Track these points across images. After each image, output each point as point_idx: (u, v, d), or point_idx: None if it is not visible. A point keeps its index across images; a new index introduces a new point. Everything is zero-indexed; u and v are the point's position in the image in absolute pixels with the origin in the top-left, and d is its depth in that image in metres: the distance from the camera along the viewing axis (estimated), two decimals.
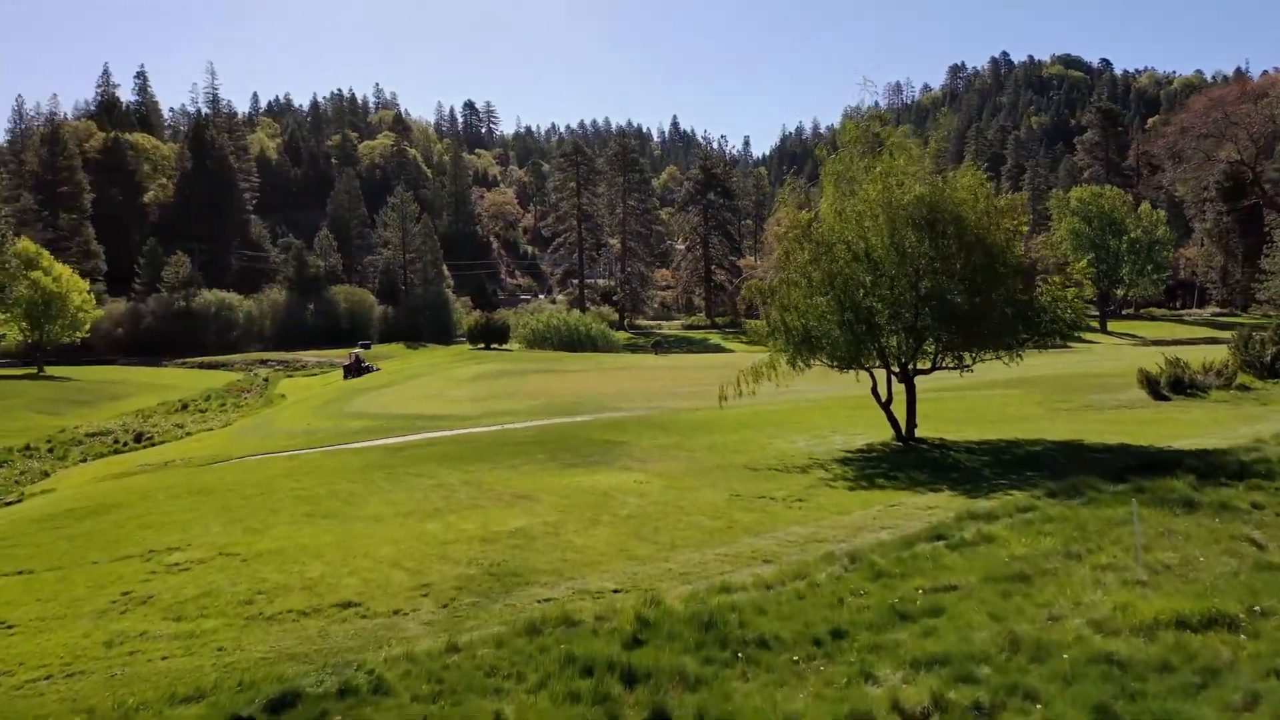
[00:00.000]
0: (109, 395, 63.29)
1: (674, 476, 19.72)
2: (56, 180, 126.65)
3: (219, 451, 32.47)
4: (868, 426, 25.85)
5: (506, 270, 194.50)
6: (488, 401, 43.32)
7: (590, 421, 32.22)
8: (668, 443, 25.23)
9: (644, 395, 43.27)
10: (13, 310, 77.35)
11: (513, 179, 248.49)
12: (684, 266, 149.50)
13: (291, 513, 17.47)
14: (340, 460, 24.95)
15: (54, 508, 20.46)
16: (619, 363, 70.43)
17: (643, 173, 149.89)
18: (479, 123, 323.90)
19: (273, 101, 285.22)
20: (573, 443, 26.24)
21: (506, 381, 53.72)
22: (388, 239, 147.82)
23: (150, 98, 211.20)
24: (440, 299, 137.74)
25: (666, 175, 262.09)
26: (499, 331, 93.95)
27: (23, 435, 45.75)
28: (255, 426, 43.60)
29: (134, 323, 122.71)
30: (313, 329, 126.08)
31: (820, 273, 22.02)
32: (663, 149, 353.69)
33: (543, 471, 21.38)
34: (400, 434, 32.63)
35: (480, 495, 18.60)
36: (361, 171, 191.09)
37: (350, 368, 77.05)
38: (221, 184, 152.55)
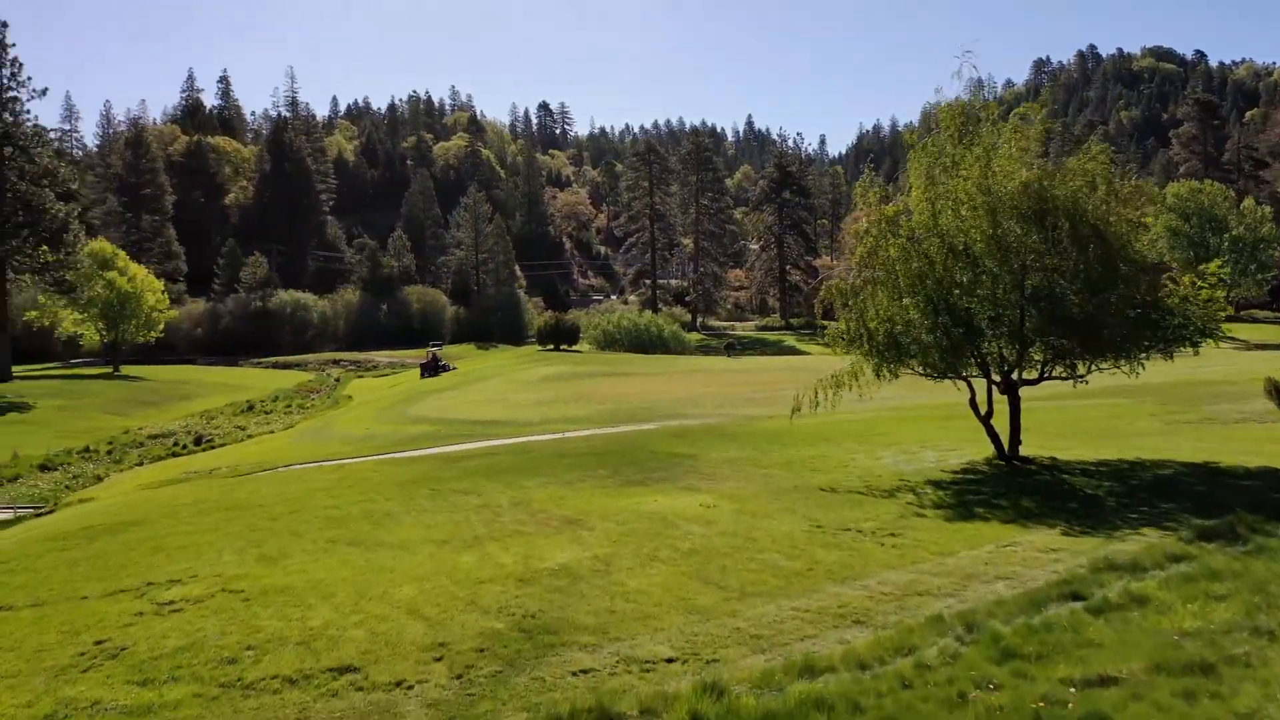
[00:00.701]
0: (178, 395, 63.19)
1: (745, 499, 17.47)
2: (140, 183, 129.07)
3: (269, 459, 31.13)
4: (962, 441, 23.26)
5: (579, 271, 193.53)
6: (551, 406, 41.51)
7: (656, 430, 30.11)
8: (739, 457, 22.97)
9: (715, 401, 41.02)
10: (89, 310, 78.12)
11: (586, 179, 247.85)
12: (758, 267, 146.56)
13: (316, 537, 15.67)
14: (386, 473, 23.22)
15: (76, 523, 19.06)
16: (690, 365, 68.18)
17: (716, 171, 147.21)
18: (553, 124, 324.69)
19: (351, 105, 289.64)
20: (635, 455, 24.16)
21: (573, 385, 51.90)
22: (461, 239, 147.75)
23: (233, 101, 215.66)
24: (512, 299, 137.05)
25: (740, 175, 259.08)
26: (568, 332, 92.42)
27: (87, 436, 45.33)
28: (315, 430, 42.46)
29: (213, 323, 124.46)
30: (385, 329, 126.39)
31: (910, 271, 19.53)
32: (737, 148, 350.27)
33: (599, 490, 19.31)
34: (456, 441, 30.94)
35: (528, 518, 16.60)
36: (436, 172, 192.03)
37: (427, 366, 76.59)
38: (299, 186, 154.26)
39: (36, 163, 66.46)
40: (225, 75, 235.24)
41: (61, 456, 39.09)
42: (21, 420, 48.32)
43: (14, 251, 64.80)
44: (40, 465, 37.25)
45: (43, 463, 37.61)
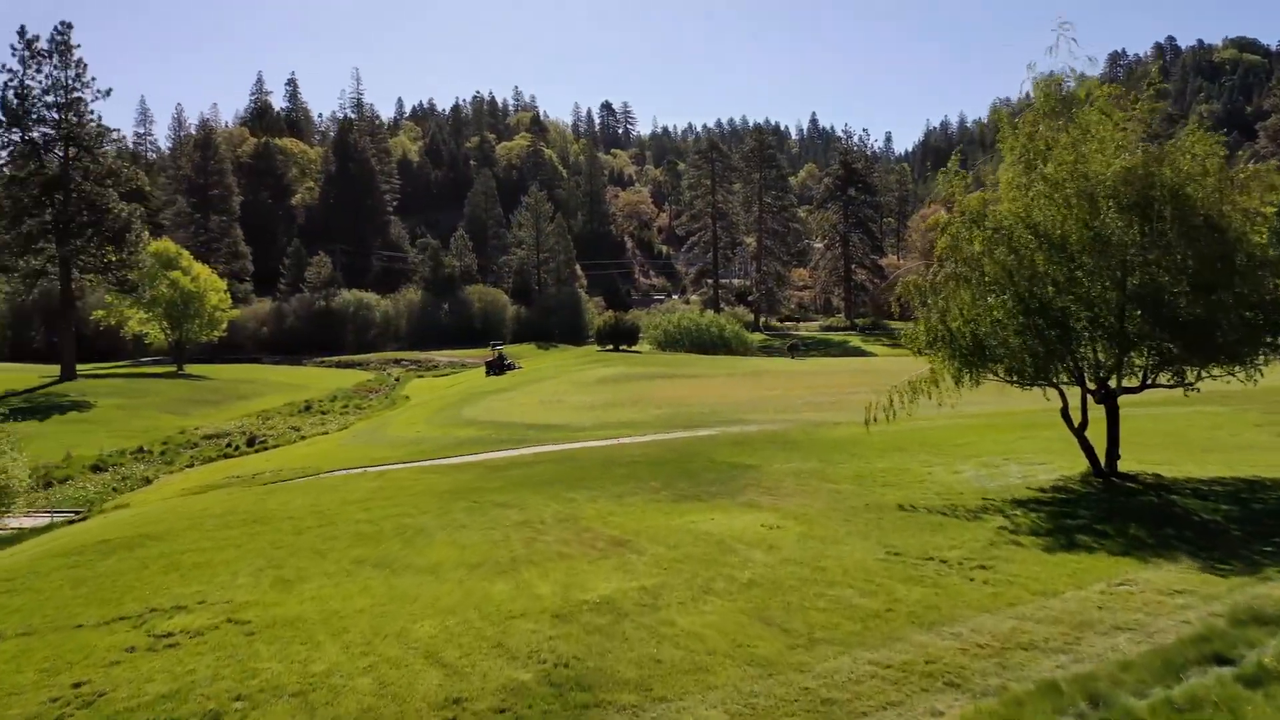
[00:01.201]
0: (237, 395, 63.18)
1: (812, 519, 15.80)
2: (208, 184, 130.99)
3: (314, 463, 30.19)
4: (1049, 453, 21.25)
5: (640, 270, 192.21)
6: (606, 410, 40.08)
7: (715, 437, 28.47)
8: (804, 469, 21.26)
9: (778, 405, 39.21)
10: (153, 310, 78.88)
11: (648, 178, 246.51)
12: (822, 266, 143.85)
13: (340, 557, 14.40)
14: (428, 482, 21.98)
15: (98, 534, 18.10)
16: (752, 366, 66.27)
17: (780, 169, 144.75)
18: (615, 123, 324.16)
19: (416, 106, 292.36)
20: (692, 465, 22.59)
21: (630, 387, 50.44)
22: (522, 239, 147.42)
23: (300, 104, 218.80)
24: (572, 299, 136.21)
25: (805, 173, 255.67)
26: (628, 332, 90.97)
27: (143, 436, 45.18)
28: (368, 432, 41.62)
29: (278, 322, 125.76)
30: (446, 329, 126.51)
31: (996, 266, 17.64)
32: (800, 146, 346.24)
33: (651, 505, 17.79)
34: (505, 447, 29.65)
35: (571, 538, 15.14)
36: (498, 172, 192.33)
37: (493, 364, 76.07)
38: (363, 186, 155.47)
39: (100, 162, 67.10)
40: (293, 78, 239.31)
41: (114, 457, 38.81)
42: (81, 419, 48.41)
43: (78, 251, 65.43)
44: (92, 466, 36.99)
45: (95, 463, 37.35)
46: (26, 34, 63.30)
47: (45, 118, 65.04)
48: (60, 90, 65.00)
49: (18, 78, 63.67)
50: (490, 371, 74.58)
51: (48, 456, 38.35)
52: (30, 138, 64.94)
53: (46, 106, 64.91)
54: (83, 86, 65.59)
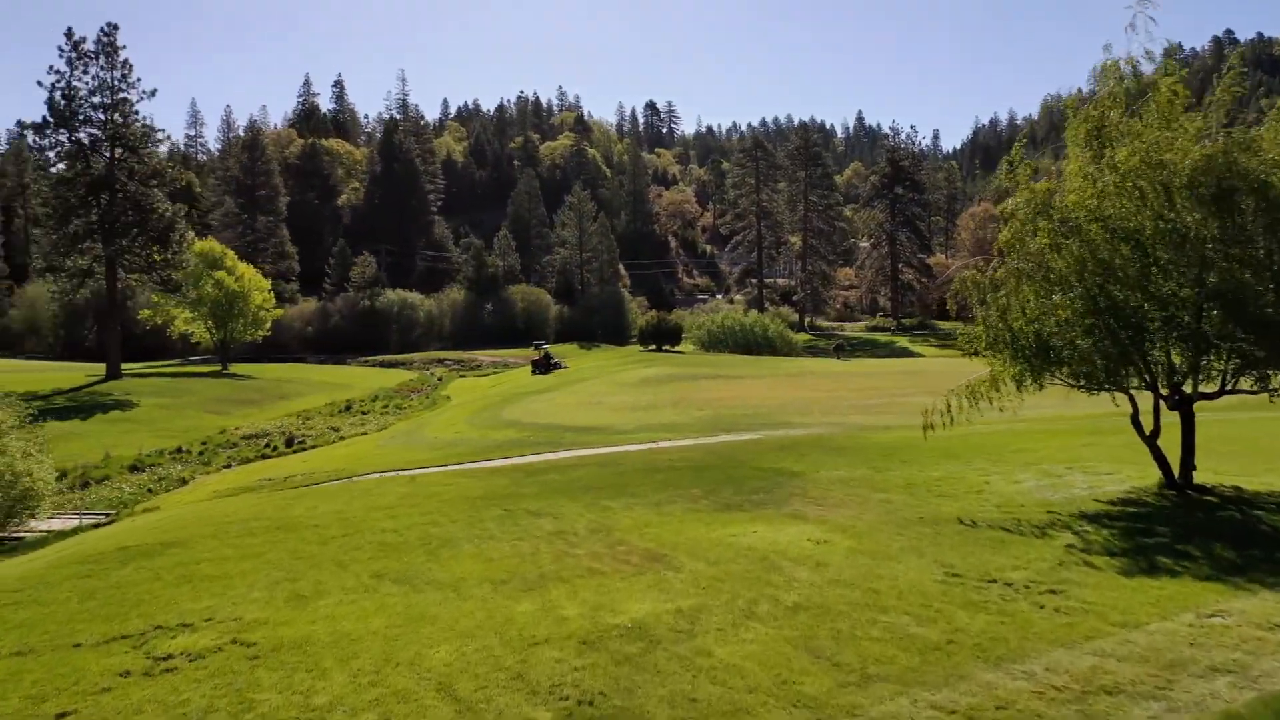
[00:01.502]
0: (279, 395, 63.20)
1: (862, 533, 14.74)
2: (255, 184, 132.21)
3: (348, 466, 29.63)
4: (1116, 462, 19.95)
5: (684, 270, 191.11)
6: (647, 411, 39.18)
7: (759, 441, 27.44)
8: (852, 476, 20.17)
9: (824, 407, 38.05)
10: (198, 309, 79.44)
11: (692, 178, 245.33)
12: (868, 265, 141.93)
13: (361, 570, 13.63)
14: (461, 487, 21.20)
15: (119, 540, 17.53)
16: (797, 367, 64.99)
17: (825, 167, 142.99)
18: (659, 123, 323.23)
19: (461, 107, 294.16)
20: (736, 471, 21.61)
21: (672, 388, 49.48)
22: (565, 238, 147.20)
23: (347, 105, 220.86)
24: (615, 299, 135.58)
25: (850, 171, 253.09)
26: (671, 332, 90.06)
27: (183, 436, 45.12)
28: (406, 433, 41.09)
29: (323, 321, 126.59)
30: (489, 328, 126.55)
31: (1064, 262, 16.41)
32: (846, 145, 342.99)
33: (691, 515, 16.85)
34: (543, 450, 28.85)
35: (605, 551, 14.24)
36: (542, 172, 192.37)
37: (539, 364, 75.70)
38: (408, 186, 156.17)
39: (146, 162, 67.59)
40: (340, 80, 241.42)
41: (153, 457, 38.69)
42: (124, 418, 48.51)
43: (123, 251, 65.96)
44: (131, 466, 36.85)
45: (133, 463, 37.21)
46: (74, 35, 64.02)
47: (92, 118, 65.68)
48: (106, 91, 65.60)
49: (65, 79, 64.35)
50: (536, 370, 74.24)
51: (87, 456, 38.37)
52: (77, 138, 65.58)
53: (93, 107, 65.54)
54: (128, 87, 66.18)
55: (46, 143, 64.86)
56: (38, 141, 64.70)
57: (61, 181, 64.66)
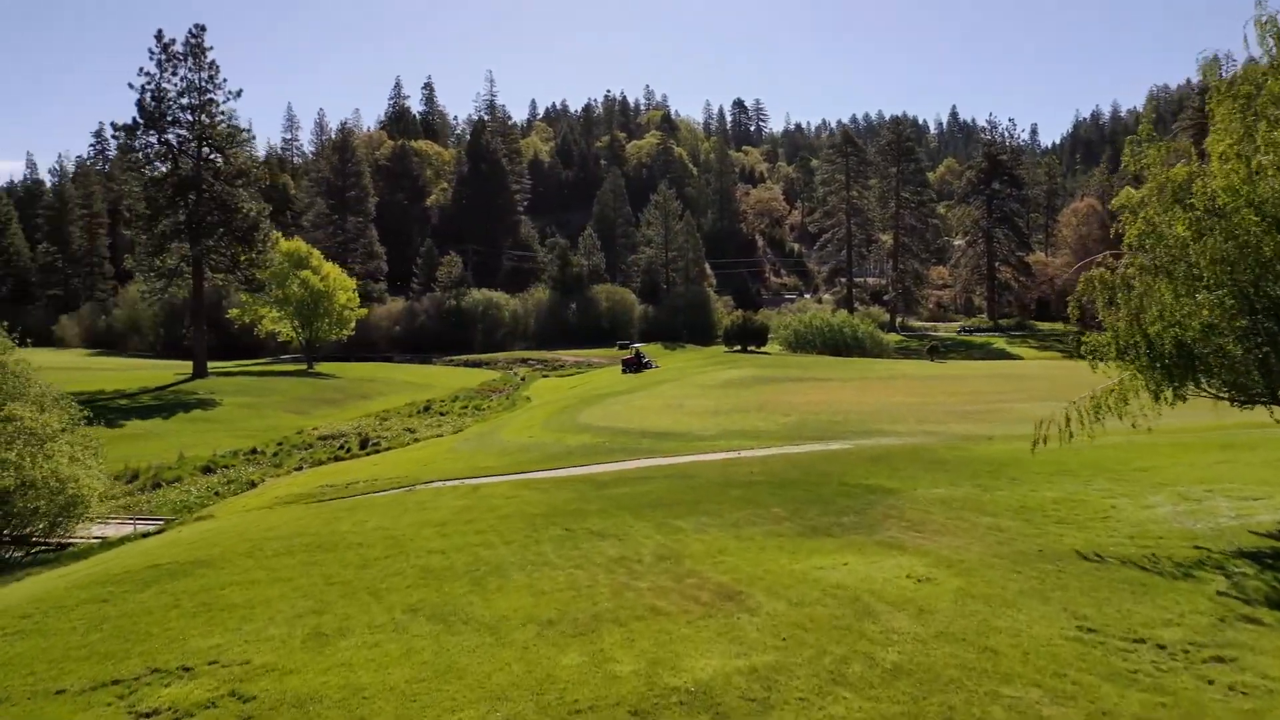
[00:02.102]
0: (360, 394, 63.06)
1: (971, 569, 12.68)
2: (345, 186, 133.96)
3: (412, 472, 28.46)
4: (1265, 484, 17.37)
5: (771, 269, 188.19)
6: (729, 417, 37.25)
7: (849, 452, 25.34)
8: (954, 496, 18.02)
9: (918, 414, 35.62)
10: (285, 309, 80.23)
11: (779, 175, 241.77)
12: (963, 263, 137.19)
13: (395, 603, 12.15)
14: (522, 501, 19.67)
15: (154, 556, 16.45)
16: (889, 370, 62.12)
17: (918, 163, 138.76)
18: (747, 120, 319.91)
19: (549, 108, 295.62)
20: (823, 487, 19.63)
21: (757, 391, 47.42)
22: (650, 237, 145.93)
23: (436, 107, 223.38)
24: (701, 298, 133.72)
25: (944, 168, 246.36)
26: (756, 332, 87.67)
27: (260, 436, 44.87)
28: (480, 436, 39.96)
29: (409, 321, 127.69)
30: (574, 328, 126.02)
31: (1209, 256, 14.03)
32: (939, 141, 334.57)
33: (772, 540, 14.97)
34: (616, 458, 27.23)
35: (671, 585, 12.48)
36: (628, 171, 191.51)
37: (629, 363, 74.48)
38: (494, 187, 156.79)
39: (231, 162, 68.25)
40: (429, 82, 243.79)
41: (226, 458, 38.32)
42: (205, 418, 48.61)
43: (209, 251, 66.73)
44: (204, 467, 36.49)
45: (206, 464, 36.87)
46: (164, 37, 64.95)
47: (180, 119, 66.63)
48: (194, 92, 66.46)
49: (155, 80, 65.36)
50: (627, 369, 73.09)
51: (163, 456, 38.22)
52: (165, 139, 66.60)
53: (181, 108, 66.45)
54: (215, 88, 66.99)
55: (137, 144, 65.94)
56: (128, 143, 65.78)
57: (151, 182, 65.71)
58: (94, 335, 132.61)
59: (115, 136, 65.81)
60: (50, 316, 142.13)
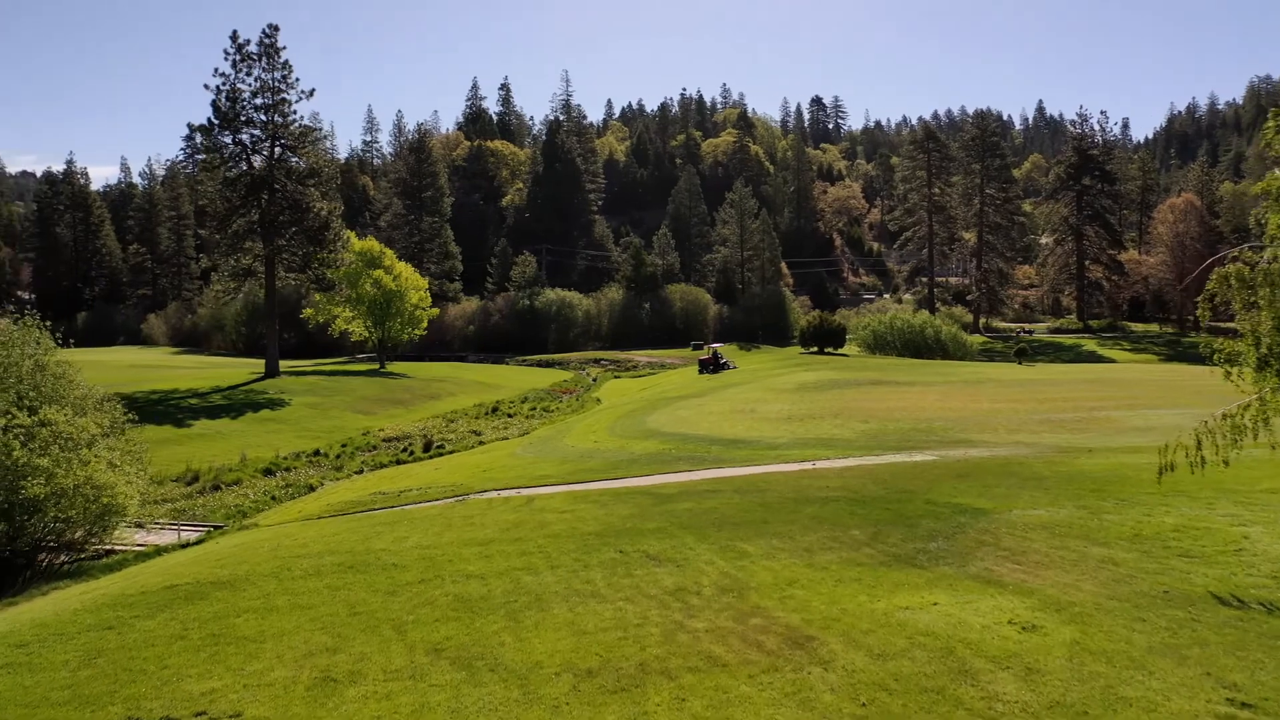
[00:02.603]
0: (429, 394, 62.48)
1: (1085, 614, 10.83)
2: (421, 186, 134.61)
3: (469, 479, 27.24)
4: None
5: (849, 268, 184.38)
6: (804, 423, 35.34)
7: (933, 465, 23.36)
8: (1057, 520, 16.04)
9: (1009, 422, 33.28)
10: (358, 308, 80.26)
11: (858, 173, 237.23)
12: (1050, 262, 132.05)
13: (419, 640, 10.80)
14: (577, 516, 18.22)
15: (176, 574, 15.37)
16: (973, 373, 59.18)
17: (1003, 158, 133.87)
18: (825, 118, 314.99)
19: (625, 108, 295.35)
20: (906, 506, 17.81)
21: (834, 395, 45.32)
22: (726, 236, 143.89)
23: (512, 108, 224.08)
24: (777, 298, 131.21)
25: (1029, 164, 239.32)
26: (833, 333, 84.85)
27: (326, 437, 44.36)
28: (544, 440, 38.70)
29: (483, 320, 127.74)
30: (647, 328, 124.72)
31: None
32: (1025, 137, 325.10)
33: (849, 570, 13.26)
34: (682, 467, 25.61)
35: (732, 626, 10.89)
36: (703, 170, 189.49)
37: (707, 363, 72.87)
38: (569, 186, 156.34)
39: (303, 161, 68.31)
40: (506, 83, 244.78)
41: (288, 460, 37.75)
42: (273, 418, 48.34)
43: (281, 250, 66.93)
44: (264, 469, 35.93)
45: (268, 466, 36.31)
46: (238, 38, 65.34)
47: (254, 119, 66.85)
48: (267, 92, 66.65)
49: (229, 81, 65.73)
50: (704, 370, 71.55)
51: (226, 458, 37.81)
52: (239, 139, 66.93)
53: (255, 109, 66.70)
54: (288, 87, 66.98)
55: (212, 144, 66.39)
56: (204, 143, 66.22)
57: (226, 182, 66.12)
58: (180, 334, 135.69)
59: (191, 137, 65.78)
60: (139, 315, 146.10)
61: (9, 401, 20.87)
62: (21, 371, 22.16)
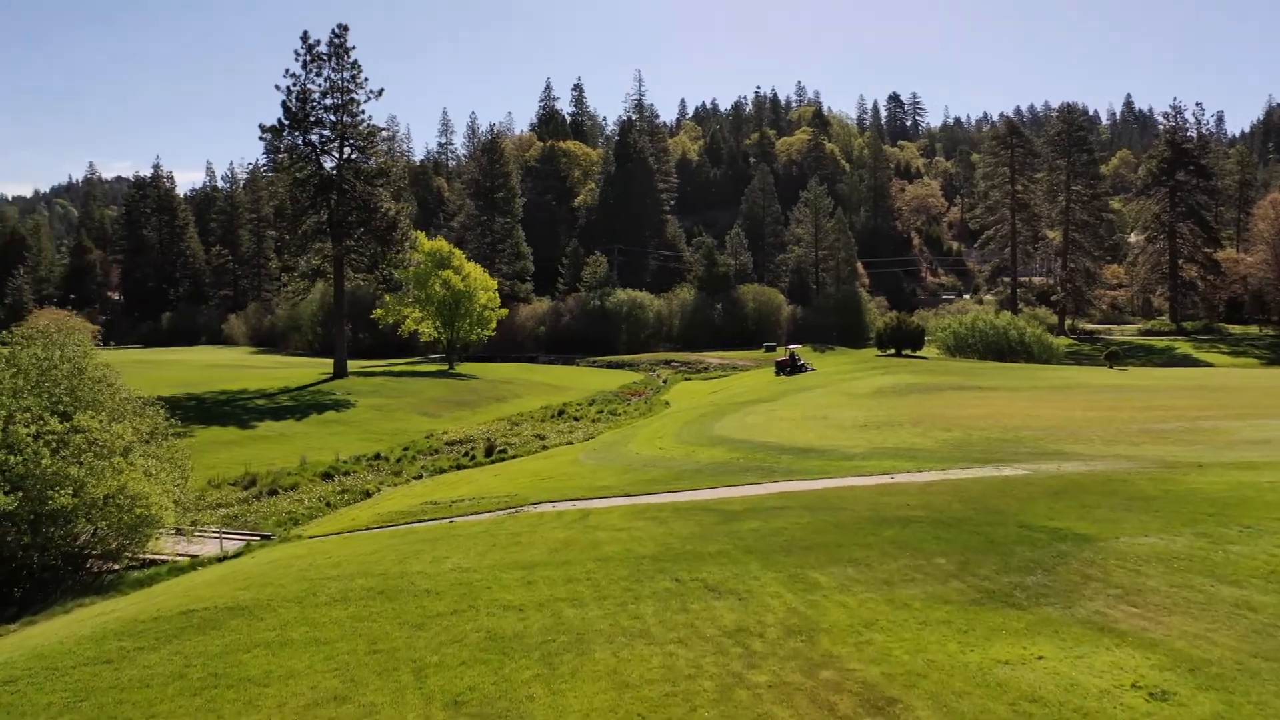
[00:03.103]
0: (495, 396, 61.70)
1: (1225, 676, 9.04)
2: (493, 187, 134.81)
3: (526, 488, 26.02)
4: None
5: (927, 268, 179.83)
6: (882, 431, 33.38)
7: (1026, 481, 21.37)
8: (1174, 549, 14.10)
9: (1104, 432, 30.92)
10: (427, 309, 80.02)
11: (937, 171, 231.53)
12: (1141, 261, 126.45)
13: (436, 689, 9.51)
14: (632, 535, 16.79)
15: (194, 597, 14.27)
16: (1061, 378, 56.09)
17: (1091, 152, 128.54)
18: (902, 115, 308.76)
19: (698, 107, 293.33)
20: (997, 529, 16.02)
21: (913, 401, 43.16)
22: (800, 236, 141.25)
23: (585, 108, 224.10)
24: (852, 299, 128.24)
25: (1117, 160, 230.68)
26: (911, 335, 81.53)
27: (389, 440, 43.73)
28: (608, 445, 37.37)
29: (554, 321, 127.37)
30: (719, 329, 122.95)
31: None
32: (1112, 133, 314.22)
33: (937, 609, 11.59)
34: (750, 479, 24.00)
35: (800, 679, 9.36)
36: (777, 168, 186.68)
37: (784, 365, 70.99)
38: (641, 186, 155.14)
39: (371, 162, 68.15)
40: (579, 83, 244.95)
41: (348, 464, 37.07)
42: (337, 420, 47.93)
43: (348, 251, 66.85)
44: (324, 473, 35.30)
45: (327, 470, 35.68)
46: (309, 39, 65.37)
47: (323, 119, 66.90)
48: (337, 92, 66.61)
49: (299, 82, 65.84)
50: (780, 371, 69.75)
51: (287, 460, 37.30)
52: (309, 140, 67.02)
53: (325, 109, 66.74)
54: (356, 87, 66.85)
55: (282, 145, 66.50)
56: (275, 144, 66.42)
57: (296, 183, 66.24)
58: (259, 334, 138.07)
59: (263, 138, 65.86)
60: (221, 316, 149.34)
61: (42, 407, 20.22)
62: (59, 375, 21.57)
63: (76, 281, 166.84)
